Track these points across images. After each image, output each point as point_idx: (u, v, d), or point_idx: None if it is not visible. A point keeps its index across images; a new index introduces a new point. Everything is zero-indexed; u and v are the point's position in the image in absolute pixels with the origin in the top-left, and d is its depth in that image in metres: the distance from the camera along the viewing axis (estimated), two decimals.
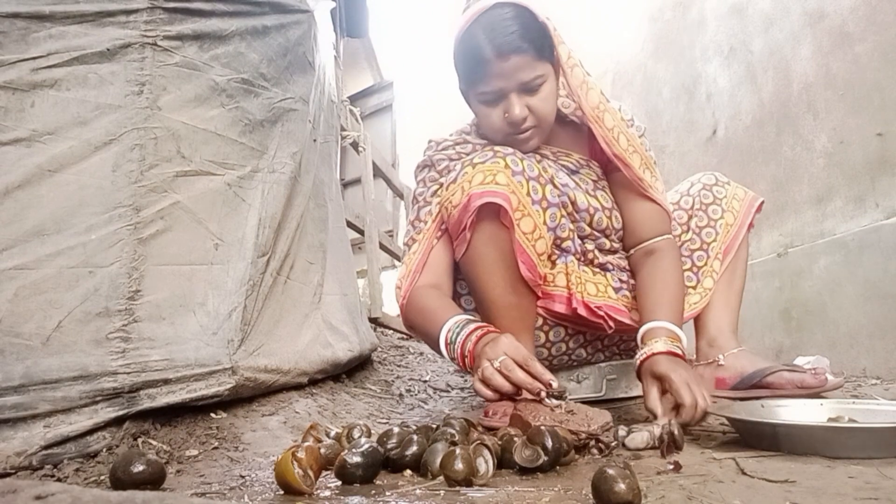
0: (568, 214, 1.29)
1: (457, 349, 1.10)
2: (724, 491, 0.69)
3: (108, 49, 1.14)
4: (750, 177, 2.46)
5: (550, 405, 0.96)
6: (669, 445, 0.91)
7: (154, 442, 1.05)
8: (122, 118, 1.14)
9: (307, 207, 1.60)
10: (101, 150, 1.11)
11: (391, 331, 3.11)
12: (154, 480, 0.79)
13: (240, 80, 1.34)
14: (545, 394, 0.97)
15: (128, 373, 1.04)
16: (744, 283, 1.52)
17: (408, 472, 0.86)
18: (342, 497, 0.75)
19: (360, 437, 0.99)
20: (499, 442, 0.88)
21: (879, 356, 1.83)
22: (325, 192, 1.79)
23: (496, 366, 0.98)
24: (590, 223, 1.33)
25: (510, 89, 1.24)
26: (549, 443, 0.81)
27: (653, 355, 1.09)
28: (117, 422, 1.03)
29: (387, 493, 0.75)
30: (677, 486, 0.72)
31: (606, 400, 1.46)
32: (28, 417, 0.94)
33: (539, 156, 1.36)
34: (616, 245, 1.40)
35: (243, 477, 0.90)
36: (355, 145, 3.37)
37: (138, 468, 0.78)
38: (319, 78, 1.73)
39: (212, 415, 1.19)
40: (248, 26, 1.37)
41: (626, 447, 0.95)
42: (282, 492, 0.77)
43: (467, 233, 1.17)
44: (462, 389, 2.06)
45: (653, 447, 0.94)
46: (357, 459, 0.80)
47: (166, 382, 1.09)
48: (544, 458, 0.81)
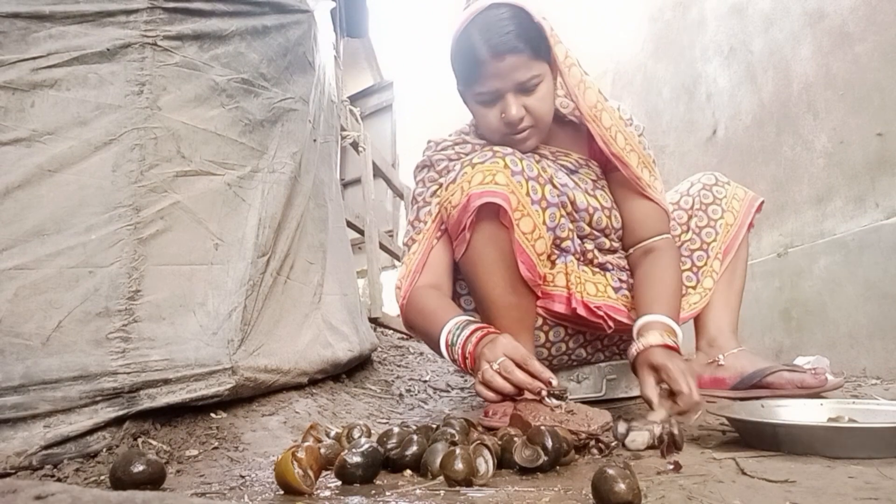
0: (567, 214, 1.28)
1: (458, 351, 1.10)
2: (724, 491, 0.69)
3: (108, 49, 1.14)
4: (750, 177, 2.46)
5: (550, 405, 0.96)
6: (669, 445, 0.91)
7: (154, 442, 1.05)
8: (122, 118, 1.14)
9: (307, 207, 1.60)
10: (101, 150, 1.11)
11: (391, 331, 3.10)
12: (154, 480, 0.79)
13: (240, 80, 1.34)
14: (546, 393, 0.97)
15: (128, 373, 1.04)
16: (744, 283, 1.52)
17: (408, 472, 0.86)
18: (342, 497, 0.75)
19: (360, 437, 0.99)
20: (499, 442, 0.88)
21: (879, 356, 1.83)
22: (325, 192, 1.79)
23: (496, 367, 0.98)
24: (589, 223, 1.33)
25: (506, 89, 1.24)
26: (549, 443, 0.81)
27: (649, 347, 1.09)
28: (117, 422, 1.03)
29: (387, 493, 0.75)
30: (677, 486, 0.72)
31: (606, 400, 1.46)
32: (28, 417, 0.94)
33: (538, 156, 1.36)
34: (615, 245, 1.40)
35: (243, 477, 0.90)
36: (355, 145, 3.37)
37: (138, 468, 0.78)
38: (319, 78, 1.73)
39: (212, 415, 1.19)
40: (248, 26, 1.37)
41: (627, 448, 0.95)
42: (282, 492, 0.77)
43: (467, 233, 1.17)
44: (462, 389, 2.06)
45: (653, 447, 0.94)
46: (357, 459, 0.80)
47: (166, 382, 1.09)
48: (544, 458, 0.81)
